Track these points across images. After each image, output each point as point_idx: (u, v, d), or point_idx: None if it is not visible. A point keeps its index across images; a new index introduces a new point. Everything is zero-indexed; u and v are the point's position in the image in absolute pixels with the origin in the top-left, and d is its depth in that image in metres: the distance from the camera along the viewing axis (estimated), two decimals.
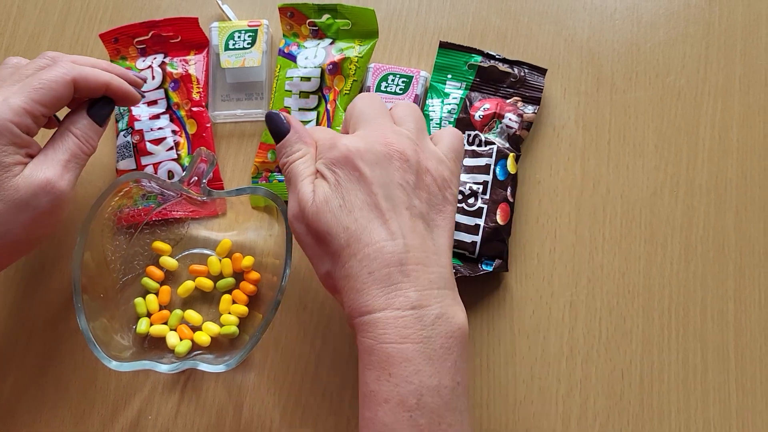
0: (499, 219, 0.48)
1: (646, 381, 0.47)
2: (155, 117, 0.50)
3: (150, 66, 0.52)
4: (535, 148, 0.51)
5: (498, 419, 0.46)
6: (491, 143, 0.49)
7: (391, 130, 0.38)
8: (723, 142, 0.51)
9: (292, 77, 0.50)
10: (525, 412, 0.46)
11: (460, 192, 0.48)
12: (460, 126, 0.50)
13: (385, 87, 0.51)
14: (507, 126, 0.50)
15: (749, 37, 0.53)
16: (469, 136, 0.50)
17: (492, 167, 0.49)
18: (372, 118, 0.39)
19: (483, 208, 0.48)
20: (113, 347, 0.43)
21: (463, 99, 0.51)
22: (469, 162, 0.49)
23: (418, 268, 0.35)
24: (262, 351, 0.48)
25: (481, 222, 0.48)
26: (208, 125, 0.51)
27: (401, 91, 0.51)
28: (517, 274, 0.49)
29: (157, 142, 0.50)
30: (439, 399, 0.34)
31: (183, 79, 0.51)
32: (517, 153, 0.50)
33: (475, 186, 0.48)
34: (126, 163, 0.50)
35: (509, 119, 0.50)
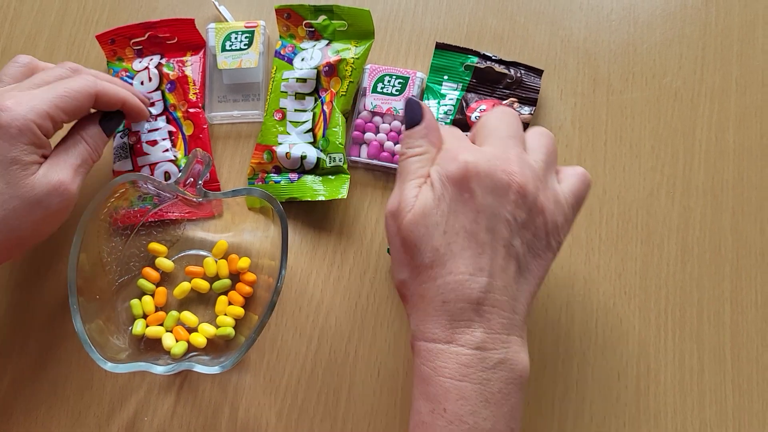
0: None
1: (642, 382, 0.46)
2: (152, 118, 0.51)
3: (147, 67, 0.52)
4: None
5: None
6: None
7: (518, 157, 0.36)
8: (719, 143, 0.51)
9: (287, 78, 0.50)
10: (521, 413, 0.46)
11: None
12: (456, 127, 0.50)
13: (382, 88, 0.51)
14: None
15: (746, 38, 0.53)
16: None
17: None
18: (503, 137, 0.37)
19: None
20: (109, 349, 0.43)
21: (460, 100, 0.51)
22: None
23: (493, 311, 0.35)
24: (257, 352, 0.48)
25: None
26: (204, 126, 0.51)
27: (397, 93, 0.51)
28: None
29: (154, 143, 0.50)
30: None
31: (180, 81, 0.51)
32: None
33: None
34: (122, 164, 0.50)
35: None
